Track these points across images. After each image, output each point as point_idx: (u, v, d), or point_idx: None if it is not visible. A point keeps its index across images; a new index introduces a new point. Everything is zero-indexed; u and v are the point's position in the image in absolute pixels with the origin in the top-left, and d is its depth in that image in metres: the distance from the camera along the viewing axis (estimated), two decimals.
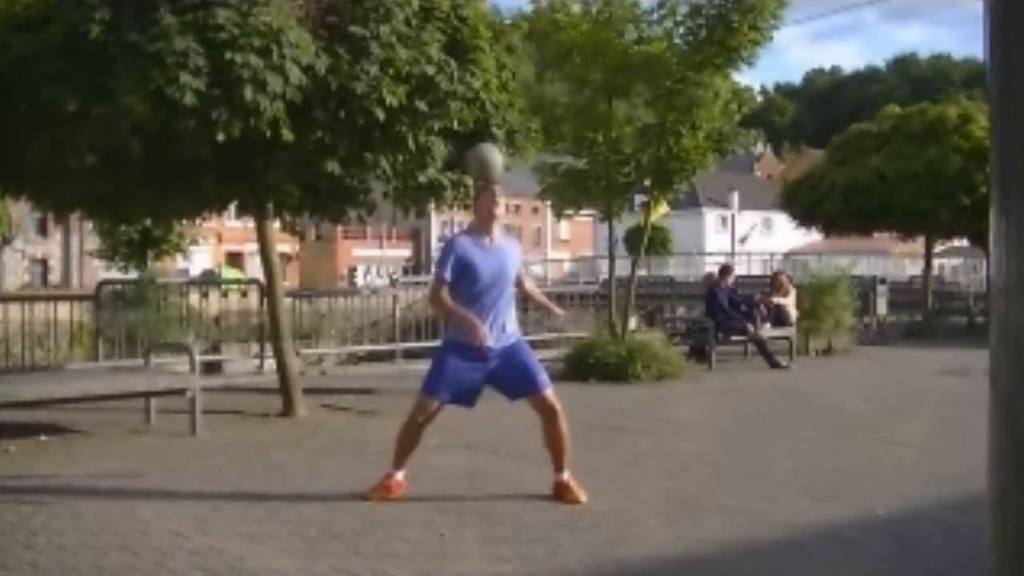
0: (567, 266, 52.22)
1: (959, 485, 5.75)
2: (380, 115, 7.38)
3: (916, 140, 19.49)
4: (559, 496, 5.41)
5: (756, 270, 34.58)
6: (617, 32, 11.36)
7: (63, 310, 11.92)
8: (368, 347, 14.83)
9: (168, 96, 6.63)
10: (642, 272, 20.37)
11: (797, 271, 19.21)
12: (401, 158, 7.92)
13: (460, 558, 4.37)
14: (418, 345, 13.92)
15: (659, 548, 4.59)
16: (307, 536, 4.69)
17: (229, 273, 41.25)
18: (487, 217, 5.44)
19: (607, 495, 5.57)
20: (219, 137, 6.86)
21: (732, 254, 44.07)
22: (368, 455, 6.84)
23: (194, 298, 13.96)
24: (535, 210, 65.10)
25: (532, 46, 10.66)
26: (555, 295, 17.60)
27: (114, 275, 28.79)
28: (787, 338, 13.81)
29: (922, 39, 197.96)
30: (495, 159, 5.49)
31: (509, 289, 5.44)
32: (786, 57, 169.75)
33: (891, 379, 12.24)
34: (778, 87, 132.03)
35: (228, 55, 6.73)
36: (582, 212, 13.45)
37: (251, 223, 8.95)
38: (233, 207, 9.07)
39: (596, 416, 8.39)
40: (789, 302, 14.24)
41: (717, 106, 11.71)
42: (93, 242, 38.67)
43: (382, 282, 47.60)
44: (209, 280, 27.74)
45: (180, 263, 41.15)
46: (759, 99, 57.26)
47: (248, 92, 6.77)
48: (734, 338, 13.64)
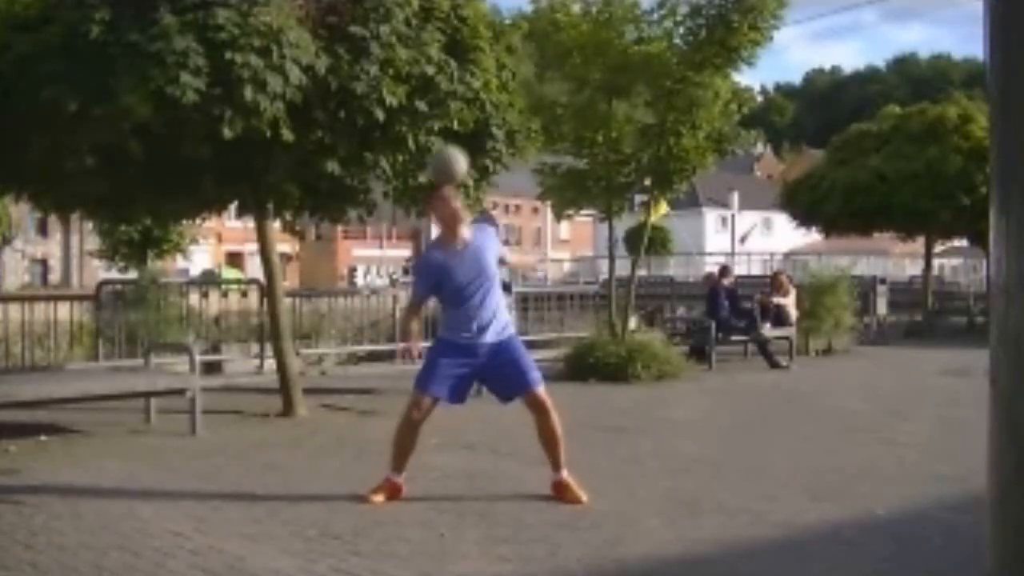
0: (567, 266, 52.26)
1: (959, 485, 5.74)
2: (380, 115, 7.38)
3: (916, 140, 19.49)
4: (559, 496, 5.40)
5: (756, 270, 34.59)
6: (617, 32, 11.36)
7: (63, 310, 11.92)
8: (368, 347, 14.82)
9: (168, 96, 6.63)
10: (642, 272, 20.36)
11: (797, 271, 19.22)
12: (401, 158, 7.93)
13: (460, 558, 4.37)
14: (418, 345, 13.90)
15: (659, 548, 4.59)
16: (307, 536, 4.69)
17: (229, 273, 41.21)
18: (449, 220, 5.37)
19: (607, 495, 5.57)
20: (227, 133, 6.84)
21: (732, 254, 44.08)
22: (368, 455, 6.84)
23: (194, 298, 13.96)
24: (535, 210, 65.13)
25: (532, 46, 10.65)
26: (555, 295, 17.62)
27: (114, 275, 28.78)
28: (787, 338, 13.81)
29: (922, 39, 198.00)
30: (456, 163, 5.42)
31: (491, 284, 5.39)
32: (786, 57, 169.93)
33: (891, 379, 12.24)
34: (778, 87, 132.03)
35: (228, 55, 6.73)
36: (582, 212, 13.45)
37: (251, 223, 8.95)
38: (233, 207, 9.06)
39: (596, 416, 8.39)
40: (789, 302, 14.23)
41: (717, 106, 11.72)
42: (93, 242, 38.66)
43: (382, 282, 47.58)
44: (209, 280, 27.72)
45: (180, 263, 41.13)
46: (759, 99, 57.25)
47: (248, 92, 6.77)
48: (734, 338, 13.64)
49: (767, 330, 13.54)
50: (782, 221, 30.96)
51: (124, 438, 7.35)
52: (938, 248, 25.19)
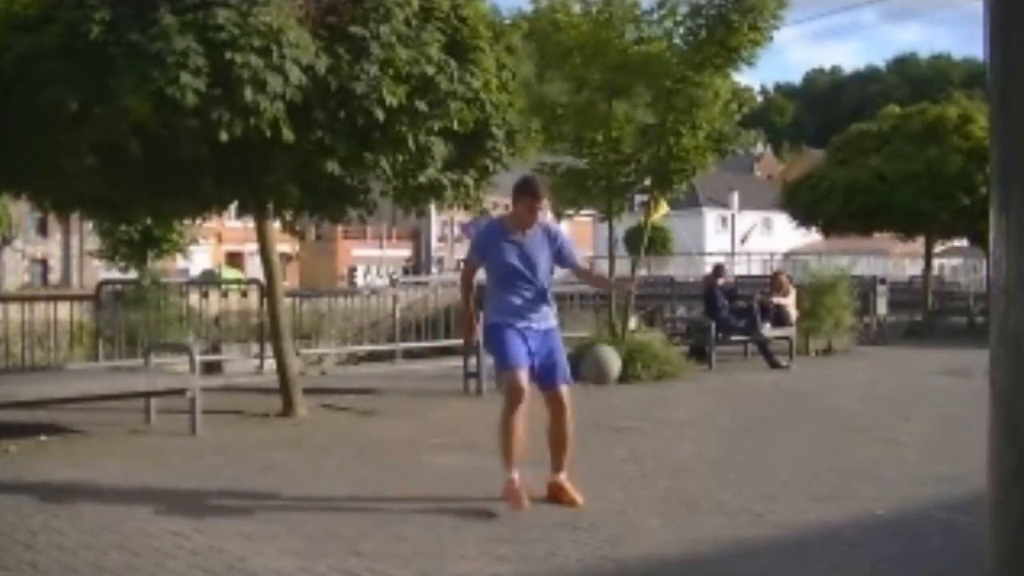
0: None
1: (959, 485, 5.74)
2: (380, 115, 7.37)
3: (916, 140, 19.49)
4: (554, 497, 5.39)
5: (756, 270, 34.55)
6: (617, 32, 11.36)
7: (63, 310, 11.92)
8: (368, 347, 14.82)
9: (168, 96, 6.63)
10: (642, 272, 20.35)
11: (797, 271, 19.17)
12: (401, 158, 7.92)
13: (460, 558, 4.38)
14: (418, 345, 13.93)
15: (659, 548, 4.59)
16: (307, 536, 4.69)
17: (229, 273, 41.20)
18: (527, 220, 5.54)
19: (607, 495, 5.57)
20: (222, 137, 6.86)
21: (732, 254, 44.05)
22: (368, 455, 6.85)
23: (194, 298, 13.96)
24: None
25: (532, 46, 10.65)
26: (555, 295, 17.61)
27: (114, 275, 28.77)
28: (787, 338, 13.81)
29: (921, 39, 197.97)
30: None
31: (540, 280, 5.53)
32: (786, 57, 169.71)
33: (891, 379, 12.24)
34: (778, 87, 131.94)
35: (228, 55, 6.73)
36: (582, 212, 13.46)
37: (251, 223, 8.95)
38: (233, 207, 9.06)
39: (596, 416, 8.39)
40: (789, 302, 14.24)
41: (717, 106, 11.72)
42: (93, 242, 38.57)
43: (382, 282, 47.55)
44: (209, 280, 27.71)
45: (180, 263, 41.09)
46: (759, 99, 57.17)
47: (248, 92, 6.77)
48: (734, 338, 13.64)
49: (767, 330, 13.55)
50: (782, 221, 30.94)
51: (124, 438, 7.35)
52: (938, 248, 25.17)
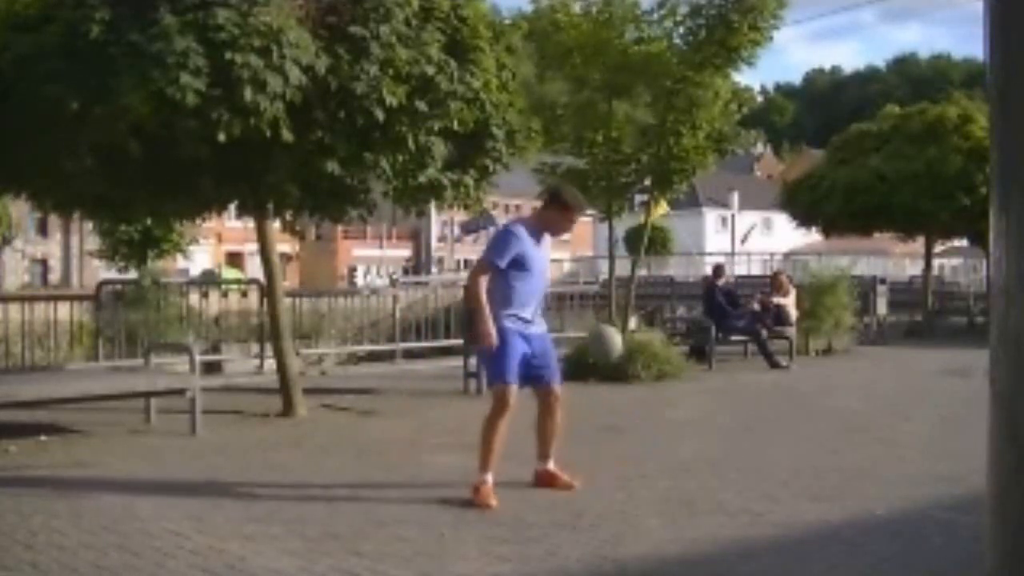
0: (567, 266, 52.15)
1: (959, 485, 5.74)
2: (380, 115, 7.37)
3: (916, 140, 19.50)
4: (547, 484, 5.56)
5: (756, 270, 34.54)
6: (617, 32, 11.37)
7: (63, 310, 11.92)
8: (368, 347, 14.82)
9: (168, 96, 6.63)
10: (642, 272, 20.36)
11: (797, 271, 19.17)
12: (401, 158, 7.92)
13: (460, 558, 4.37)
14: (418, 345, 13.93)
15: (658, 548, 4.59)
16: (307, 536, 4.69)
17: (229, 273, 41.19)
18: (558, 228, 5.77)
19: (607, 495, 5.57)
20: (220, 137, 6.86)
21: (732, 254, 44.04)
22: (368, 455, 6.85)
23: (194, 298, 13.96)
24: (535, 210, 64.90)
25: (532, 46, 10.65)
26: (555, 295, 17.61)
27: (114, 275, 28.77)
28: (787, 338, 13.81)
29: (921, 39, 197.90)
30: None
31: (546, 284, 5.90)
32: (786, 57, 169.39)
33: (891, 379, 12.24)
34: (778, 87, 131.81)
35: (228, 55, 6.73)
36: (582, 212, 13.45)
37: (251, 223, 8.95)
38: (233, 207, 9.06)
39: (596, 416, 8.39)
40: (789, 302, 14.24)
41: (717, 106, 11.73)
42: (93, 242, 38.59)
43: (382, 282, 47.55)
44: (209, 280, 27.71)
45: (180, 263, 41.09)
46: (759, 99, 57.15)
47: (248, 92, 6.77)
48: (733, 338, 13.63)
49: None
50: (782, 221, 30.94)
51: (124, 438, 7.34)
52: (938, 248, 25.18)
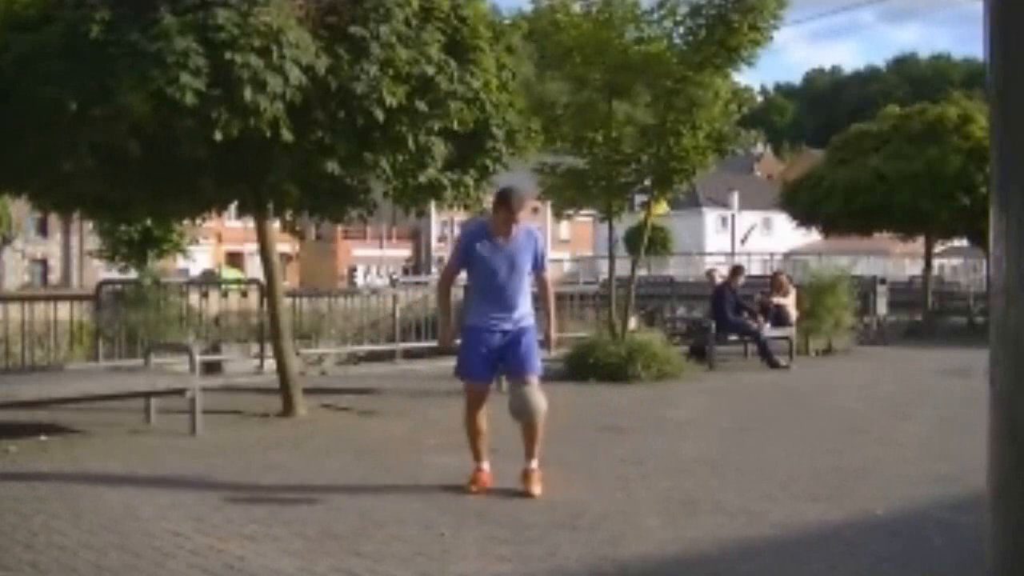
0: (567, 266, 52.17)
1: (959, 485, 5.74)
2: (380, 115, 7.37)
3: (916, 140, 19.49)
4: (524, 484, 5.58)
5: (756, 270, 34.53)
6: (617, 32, 11.36)
7: (63, 310, 11.91)
8: (368, 347, 14.82)
9: (168, 96, 6.63)
10: (642, 272, 20.35)
11: (797, 271, 19.17)
12: (401, 158, 7.92)
13: (460, 558, 4.38)
14: (418, 345, 13.92)
15: (659, 548, 4.59)
16: (307, 536, 4.69)
17: (229, 273, 41.19)
18: (505, 223, 5.68)
19: (607, 495, 5.58)
20: (217, 136, 6.87)
21: (732, 254, 44.08)
22: (368, 455, 6.85)
23: (194, 298, 13.95)
24: (535, 210, 64.85)
25: (532, 46, 10.65)
26: (555, 295, 17.60)
27: (114, 275, 28.77)
28: (787, 338, 13.80)
29: (921, 39, 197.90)
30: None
31: (519, 280, 5.72)
32: (786, 57, 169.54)
33: (891, 379, 12.24)
34: (778, 87, 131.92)
35: (228, 55, 6.73)
36: (582, 212, 13.46)
37: (251, 223, 8.95)
38: (233, 207, 9.06)
39: (596, 416, 8.39)
40: (789, 302, 14.24)
41: (717, 106, 11.71)
42: (93, 242, 38.58)
43: (382, 282, 47.58)
44: (209, 280, 27.71)
45: (181, 263, 41.09)
46: (759, 99, 57.20)
47: (248, 92, 6.77)
48: (731, 338, 13.62)
49: (766, 330, 13.53)
50: (782, 221, 30.94)
51: (124, 438, 7.34)
52: (938, 248, 25.17)
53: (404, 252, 66.38)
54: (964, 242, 25.74)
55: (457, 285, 6.56)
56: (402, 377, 11.71)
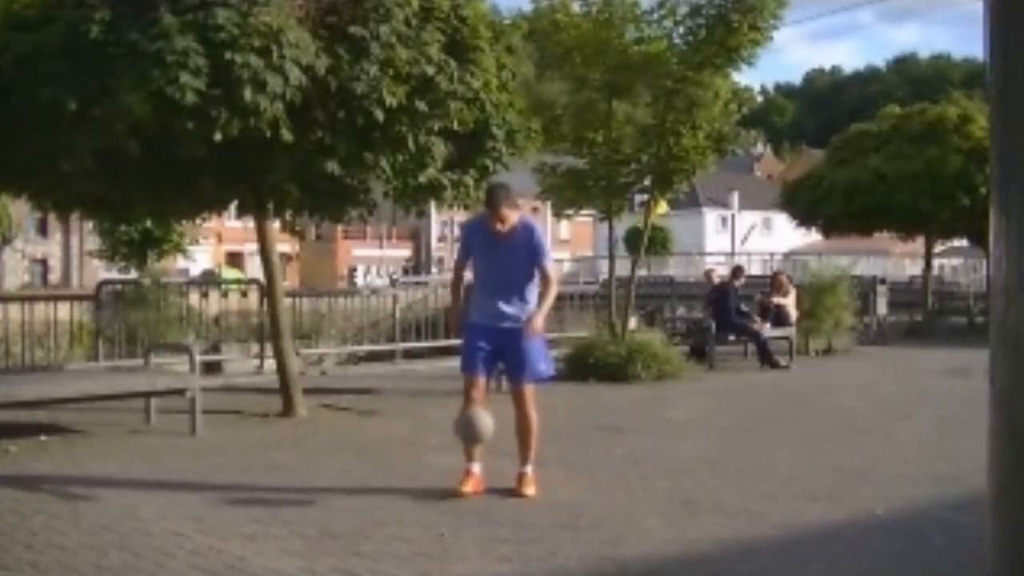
0: (567, 266, 52.18)
1: (959, 485, 5.74)
2: (380, 115, 7.37)
3: (916, 140, 19.50)
4: (517, 486, 5.57)
5: (756, 270, 34.53)
6: (617, 32, 11.35)
7: (63, 310, 11.92)
8: (368, 347, 14.82)
9: (168, 96, 6.62)
10: (642, 272, 20.35)
11: (797, 271, 19.18)
12: (401, 158, 7.92)
13: (460, 558, 4.38)
14: (418, 345, 13.93)
15: (659, 548, 4.59)
16: (307, 536, 4.69)
17: (229, 273, 41.17)
18: (493, 220, 5.63)
19: (607, 495, 5.58)
20: (217, 136, 6.87)
21: (732, 254, 44.08)
22: (368, 455, 6.85)
23: (194, 298, 13.95)
24: (535, 210, 64.87)
25: (532, 46, 10.65)
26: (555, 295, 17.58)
27: (114, 275, 28.77)
28: (787, 338, 13.80)
29: (921, 39, 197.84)
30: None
31: (519, 278, 5.64)
32: (786, 57, 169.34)
33: (891, 379, 12.24)
34: (778, 87, 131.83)
35: (228, 55, 6.72)
36: (582, 212, 13.46)
37: (251, 223, 8.95)
38: (233, 207, 9.06)
39: (596, 416, 8.39)
40: (789, 302, 14.23)
41: (717, 106, 11.71)
42: (93, 242, 38.58)
43: (382, 282, 47.54)
44: (209, 280, 27.70)
45: (181, 263, 41.08)
46: (759, 99, 57.24)
47: (248, 92, 6.77)
48: (731, 338, 13.61)
49: (766, 330, 13.53)
50: (782, 221, 30.96)
51: (124, 438, 7.34)
52: (938, 248, 25.18)
53: (404, 252, 66.37)
54: (964, 242, 25.76)
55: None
56: (402, 377, 11.71)
